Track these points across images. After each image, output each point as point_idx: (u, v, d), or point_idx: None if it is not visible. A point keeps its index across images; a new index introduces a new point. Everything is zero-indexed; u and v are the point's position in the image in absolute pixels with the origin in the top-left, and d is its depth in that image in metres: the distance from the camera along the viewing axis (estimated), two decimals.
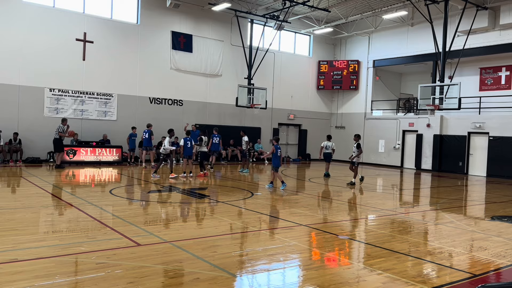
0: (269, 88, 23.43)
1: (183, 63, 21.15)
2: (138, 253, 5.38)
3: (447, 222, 8.65)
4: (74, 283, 4.31)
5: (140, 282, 4.35)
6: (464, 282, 4.80)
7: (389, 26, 23.54)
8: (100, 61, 18.80)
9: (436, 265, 5.44)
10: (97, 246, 5.61)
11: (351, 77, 25.78)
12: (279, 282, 4.72)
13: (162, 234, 6.37)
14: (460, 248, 6.34)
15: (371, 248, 6.16)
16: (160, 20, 20.44)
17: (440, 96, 17.62)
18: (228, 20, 22.37)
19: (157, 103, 20.53)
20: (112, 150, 18.10)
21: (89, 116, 18.62)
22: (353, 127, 25.90)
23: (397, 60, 23.63)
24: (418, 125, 22.44)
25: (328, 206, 10.17)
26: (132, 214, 7.91)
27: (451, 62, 19.74)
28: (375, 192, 13.49)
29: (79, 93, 18.39)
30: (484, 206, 11.31)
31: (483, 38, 19.64)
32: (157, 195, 10.58)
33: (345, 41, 26.64)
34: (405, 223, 8.28)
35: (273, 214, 8.32)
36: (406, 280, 4.74)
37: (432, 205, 11.11)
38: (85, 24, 18.40)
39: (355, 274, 4.99)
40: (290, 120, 25.55)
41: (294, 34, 25.52)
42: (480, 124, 19.81)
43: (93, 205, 8.58)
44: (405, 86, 26.88)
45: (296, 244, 6.16)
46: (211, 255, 5.37)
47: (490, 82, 20.70)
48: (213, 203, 9.42)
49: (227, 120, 22.77)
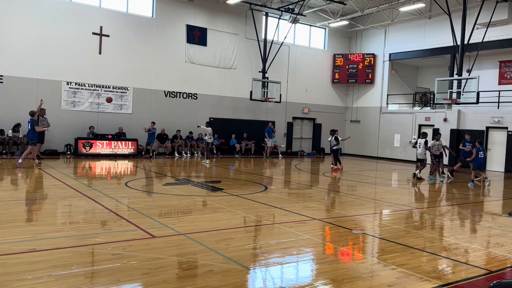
0: (283, 81, 23.35)
1: (198, 56, 21.19)
2: (152, 244, 5.44)
3: (463, 218, 8.54)
4: (91, 273, 4.39)
5: (155, 273, 4.40)
6: (479, 279, 4.74)
7: (406, 19, 23.16)
8: (116, 54, 18.96)
9: (451, 261, 5.38)
10: (112, 237, 5.70)
11: (367, 70, 25.50)
12: (292, 275, 4.73)
13: (176, 226, 6.44)
14: (476, 244, 6.26)
15: (385, 243, 6.12)
16: (175, 14, 20.49)
17: (458, 90, 17.32)
18: (243, 13, 22.31)
19: (172, 96, 20.65)
20: (127, 143, 18.30)
21: (105, 109, 18.84)
22: (369, 121, 25.67)
23: (414, 53, 23.27)
24: (435, 120, 22.11)
25: (342, 200, 10.12)
26: (147, 206, 8.00)
27: (470, 55, 19.36)
28: (390, 186, 13.38)
29: (95, 86, 18.60)
30: (502, 202, 11.13)
31: (503, 30, 19.18)
32: (172, 188, 10.67)
33: (360, 34, 26.33)
34: (420, 218, 8.20)
35: (287, 208, 8.33)
36: (421, 275, 4.70)
37: (448, 200, 10.97)
38: (101, 18, 18.57)
39: (369, 268, 4.96)
40: (304, 114, 25.43)
41: (309, 27, 25.32)
42: (499, 118, 19.41)
43: (109, 197, 8.71)
44: (422, 80, 26.48)
45: (310, 238, 6.16)
46: (224, 248, 5.40)
47: (509, 75, 20.25)
48: (227, 196, 9.46)
49: (242, 113, 22.77)
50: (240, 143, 21.97)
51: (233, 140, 21.90)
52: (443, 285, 4.47)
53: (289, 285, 4.33)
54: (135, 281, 4.21)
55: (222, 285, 4.17)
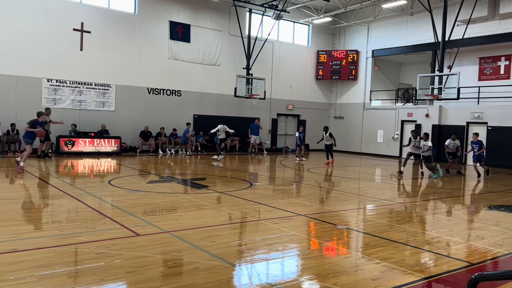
0: (267, 78, 23.36)
1: (181, 53, 21.04)
2: (137, 243, 5.40)
3: (445, 211, 8.69)
4: (74, 273, 4.33)
5: (140, 271, 4.37)
6: (461, 271, 4.84)
7: (388, 16, 23.40)
8: (97, 51, 18.68)
9: (433, 254, 5.47)
10: (96, 236, 5.63)
11: (350, 67, 25.69)
12: (278, 271, 4.74)
13: (161, 224, 6.39)
14: (458, 237, 6.38)
15: (369, 238, 6.20)
16: (158, 10, 20.28)
17: (439, 86, 17.57)
18: (226, 9, 22.21)
19: (156, 93, 20.46)
20: (111, 140, 18.08)
21: (87, 106, 18.57)
22: (352, 117, 25.90)
23: (396, 50, 23.53)
24: (417, 115, 22.43)
25: (327, 196, 10.20)
26: (131, 204, 7.92)
27: (450, 51, 19.66)
28: (373, 182, 13.53)
29: (77, 83, 18.31)
30: (482, 195, 11.36)
31: (483, 27, 19.55)
32: (156, 185, 10.59)
33: (344, 30, 26.50)
34: (403, 213, 8.32)
35: (272, 204, 8.35)
36: (404, 269, 4.77)
37: (430, 194, 11.16)
38: (82, 14, 18.26)
39: (353, 263, 5.02)
40: (289, 110, 25.51)
41: (293, 23, 25.37)
42: (479, 114, 19.81)
43: (92, 195, 8.60)
44: (404, 76, 26.82)
45: (295, 234, 6.19)
46: (210, 245, 5.39)
47: (489, 71, 20.65)
48: (212, 193, 9.44)
49: (226, 110, 22.72)
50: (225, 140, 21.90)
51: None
52: (426, 278, 4.55)
53: (275, 281, 4.35)
54: (120, 280, 4.17)
55: (208, 282, 4.16)
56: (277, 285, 4.22)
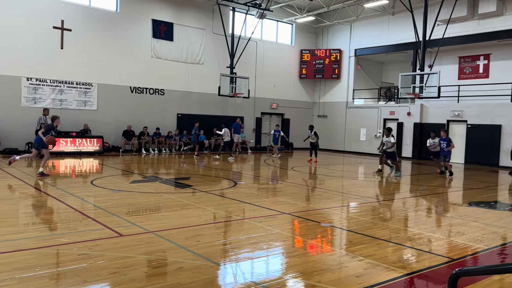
0: (251, 77, 23.36)
1: (164, 51, 20.88)
2: (120, 243, 5.34)
3: (426, 208, 8.84)
4: (56, 275, 4.26)
5: (123, 272, 4.33)
6: (442, 267, 4.93)
7: (371, 15, 23.65)
8: (79, 49, 18.39)
9: (415, 250, 5.56)
10: (78, 237, 5.55)
11: (333, 66, 25.88)
12: (263, 270, 4.76)
13: (144, 224, 6.34)
14: (439, 233, 6.50)
15: (353, 235, 6.26)
16: (140, 8, 20.07)
17: (420, 84, 17.85)
18: (210, 8, 22.12)
19: (138, 92, 20.26)
20: (93, 140, 17.83)
21: (69, 106, 18.27)
22: (335, 116, 26.10)
23: (378, 49, 23.80)
24: (399, 114, 22.74)
25: (311, 194, 10.26)
26: (114, 204, 7.84)
27: (431, 51, 19.98)
28: (356, 180, 13.67)
29: (58, 82, 18.00)
30: (462, 192, 11.59)
31: (462, 27, 19.92)
32: (139, 185, 10.50)
33: (327, 30, 26.68)
34: (386, 210, 8.43)
35: (256, 203, 8.36)
36: (387, 265, 4.84)
37: (412, 192, 11.33)
38: (62, 11, 17.93)
39: (337, 260, 5.06)
40: (273, 109, 25.56)
41: (276, 22, 25.42)
42: (459, 112, 20.19)
43: (74, 196, 8.47)
44: (386, 75, 27.15)
45: (279, 232, 6.21)
46: (194, 244, 5.37)
47: (468, 71, 21.06)
48: (196, 193, 9.40)
49: (210, 109, 22.64)
50: (209, 139, 21.85)
51: (202, 136, 21.75)
52: (408, 274, 4.62)
53: (259, 280, 4.36)
54: (103, 281, 4.13)
55: (192, 281, 4.15)
56: (262, 283, 4.23)
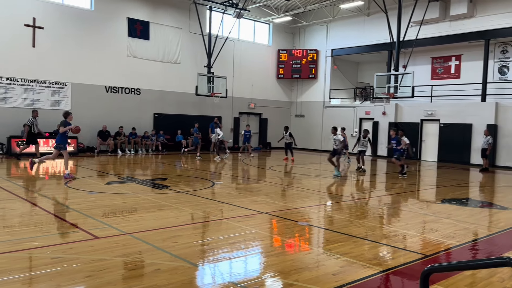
0: (229, 76, 23.31)
1: (140, 50, 20.61)
2: (96, 246, 5.25)
3: (401, 206, 9.01)
4: (29, 279, 4.15)
5: (99, 275, 4.25)
6: (417, 263, 5.04)
7: (347, 16, 23.94)
8: (52, 48, 17.95)
9: (391, 247, 5.67)
10: (52, 240, 5.43)
11: (310, 66, 26.09)
12: (241, 270, 4.76)
13: (121, 226, 6.25)
14: (413, 230, 6.64)
15: (330, 233, 6.33)
16: (116, 6, 19.75)
17: (395, 84, 18.19)
18: (186, 7, 21.96)
19: (114, 92, 19.94)
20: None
21: (41, 105, 17.81)
22: (313, 115, 26.32)
23: (354, 49, 24.12)
24: (374, 113, 23.12)
25: (289, 193, 10.32)
26: (89, 206, 7.69)
27: (405, 51, 20.38)
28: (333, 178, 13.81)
29: (30, 81, 17.53)
30: (435, 190, 11.88)
31: (435, 28, 20.40)
32: (115, 186, 10.33)
33: (303, 30, 26.87)
34: (362, 208, 8.56)
35: (234, 203, 8.35)
36: (363, 263, 4.91)
37: (387, 190, 11.53)
38: (34, 8, 17.46)
39: (315, 259, 5.11)
40: (250, 109, 25.58)
41: (254, 22, 25.44)
42: (432, 111, 20.67)
43: (47, 198, 8.27)
44: (362, 75, 27.55)
45: (257, 232, 6.23)
46: (172, 246, 5.33)
47: (441, 71, 21.59)
48: (174, 193, 9.32)
49: (187, 109, 22.48)
50: (187, 139, 21.69)
51: (179, 136, 21.59)
52: (384, 270, 4.71)
53: (238, 280, 4.36)
54: (77, 285, 4.05)
55: (170, 283, 4.12)
56: (240, 283, 4.24)
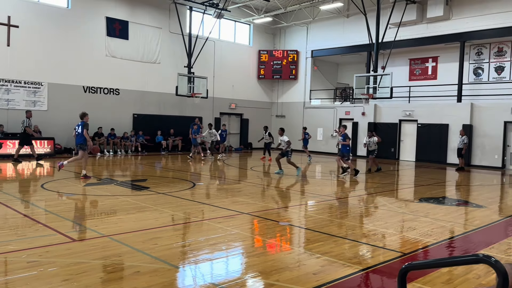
0: (210, 77, 23.21)
1: (119, 50, 20.33)
2: (73, 249, 5.15)
3: (380, 205, 9.14)
4: (4, 284, 4.04)
5: (76, 279, 4.17)
6: (395, 261, 5.12)
7: (326, 17, 24.15)
8: (27, 47, 17.54)
9: (370, 246, 5.74)
10: (27, 244, 5.30)
11: (291, 66, 26.22)
12: (222, 271, 4.74)
13: (99, 228, 6.15)
14: (392, 229, 6.74)
15: (311, 233, 6.37)
16: (93, 5, 19.43)
17: (374, 85, 18.43)
18: (166, 6, 21.78)
19: (92, 92, 19.61)
20: (43, 142, 17.07)
21: (16, 106, 17.38)
22: (293, 116, 26.44)
23: (334, 50, 24.35)
24: (354, 114, 23.38)
25: (269, 193, 10.34)
26: (67, 208, 7.54)
27: (384, 53, 20.69)
28: (314, 179, 13.91)
29: (4, 81, 17.09)
30: (413, 189, 12.09)
31: (412, 30, 20.77)
32: (94, 188, 10.16)
33: (284, 31, 26.98)
34: (342, 208, 8.64)
35: (215, 204, 8.32)
36: (343, 262, 4.96)
37: (366, 189, 11.68)
38: (8, 6, 17.01)
39: (296, 259, 5.13)
40: (231, 109, 25.53)
41: (234, 22, 25.42)
42: (410, 112, 21.04)
43: (23, 200, 8.07)
44: (342, 76, 27.83)
45: (238, 233, 6.22)
46: (151, 248, 5.27)
47: (418, 72, 21.99)
48: (154, 195, 9.22)
49: (168, 109, 22.29)
50: (167, 139, 21.52)
51: (159, 136, 21.40)
52: (364, 269, 4.76)
53: (219, 281, 4.34)
54: None
55: (150, 285, 4.07)
56: (221, 284, 4.22)
